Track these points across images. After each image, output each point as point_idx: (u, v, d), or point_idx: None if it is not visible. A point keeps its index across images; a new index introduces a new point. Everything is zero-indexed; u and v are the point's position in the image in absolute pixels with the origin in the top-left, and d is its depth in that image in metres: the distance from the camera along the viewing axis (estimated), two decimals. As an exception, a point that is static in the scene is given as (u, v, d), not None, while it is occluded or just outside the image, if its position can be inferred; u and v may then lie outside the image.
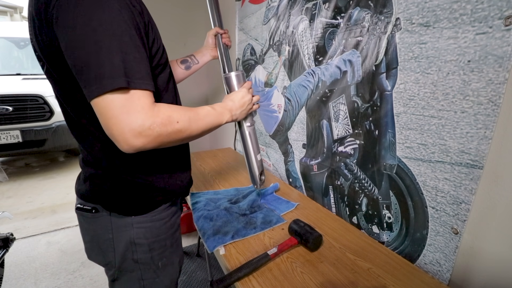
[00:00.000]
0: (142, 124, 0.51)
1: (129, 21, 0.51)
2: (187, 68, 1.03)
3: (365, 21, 0.86)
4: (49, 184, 3.16)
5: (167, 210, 0.76)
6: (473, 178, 0.64)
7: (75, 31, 0.47)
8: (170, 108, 0.58)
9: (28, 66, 3.85)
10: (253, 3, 1.52)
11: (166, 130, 0.55)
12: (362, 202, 0.96)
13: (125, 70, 0.49)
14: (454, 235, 0.70)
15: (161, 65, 0.65)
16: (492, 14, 0.58)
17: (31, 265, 1.82)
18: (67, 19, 0.47)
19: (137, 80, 0.51)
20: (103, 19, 0.48)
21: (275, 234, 0.92)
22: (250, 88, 0.84)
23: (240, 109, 0.79)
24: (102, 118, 0.51)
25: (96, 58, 0.48)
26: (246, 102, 0.81)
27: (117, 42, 0.49)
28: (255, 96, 0.86)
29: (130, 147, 0.52)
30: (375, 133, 0.87)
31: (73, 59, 0.49)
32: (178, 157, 0.77)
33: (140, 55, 0.53)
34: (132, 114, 0.50)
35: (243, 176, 1.43)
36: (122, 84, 0.48)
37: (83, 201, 0.70)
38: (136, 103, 0.50)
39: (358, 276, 0.73)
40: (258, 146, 0.95)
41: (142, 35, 0.55)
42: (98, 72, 0.48)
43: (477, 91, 0.62)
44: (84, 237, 0.76)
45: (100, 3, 0.48)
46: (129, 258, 0.71)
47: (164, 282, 0.77)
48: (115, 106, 0.49)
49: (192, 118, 0.61)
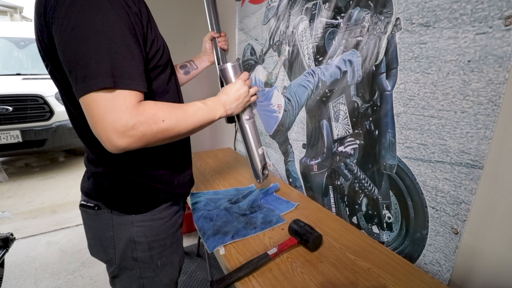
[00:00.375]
0: (125, 123, 0.50)
1: (122, 21, 0.51)
2: (186, 73, 1.02)
3: (365, 21, 0.86)
4: (49, 184, 3.16)
5: (168, 209, 0.76)
6: (473, 178, 0.64)
7: (66, 31, 0.48)
8: (157, 106, 0.56)
9: (28, 66, 3.85)
10: (253, 3, 1.52)
11: (151, 129, 0.53)
12: (362, 202, 0.96)
13: (113, 70, 0.49)
14: (454, 235, 0.70)
15: (160, 66, 0.65)
16: (492, 14, 0.58)
17: (31, 265, 1.82)
18: (60, 20, 0.48)
19: (125, 80, 0.50)
20: (94, 19, 0.48)
21: (275, 234, 0.92)
22: (246, 80, 0.80)
23: (235, 103, 0.76)
24: (88, 117, 0.51)
25: (84, 57, 0.48)
26: (242, 94, 0.77)
27: (106, 42, 0.49)
28: (253, 88, 0.82)
29: (114, 147, 0.51)
30: (375, 133, 0.87)
31: (63, 58, 0.50)
32: (178, 157, 0.77)
33: (132, 55, 0.52)
34: (116, 114, 0.49)
35: (243, 176, 1.43)
36: (107, 84, 0.48)
37: (86, 198, 0.72)
38: (121, 102, 0.50)
39: (358, 276, 0.73)
40: (259, 139, 0.93)
41: (137, 35, 0.54)
42: (84, 72, 0.48)
43: (477, 91, 0.62)
44: (87, 234, 0.77)
45: (92, 4, 0.48)
46: (129, 256, 0.72)
47: (164, 281, 0.77)
48: (99, 106, 0.49)
49: (180, 115, 0.59)
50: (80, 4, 0.47)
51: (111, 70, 0.49)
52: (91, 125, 0.51)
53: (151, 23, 0.61)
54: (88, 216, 0.74)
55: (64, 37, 0.48)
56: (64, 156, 4.18)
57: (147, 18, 0.59)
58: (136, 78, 0.52)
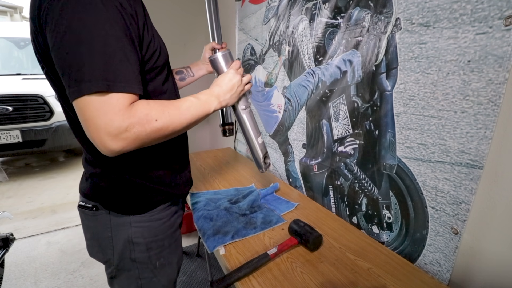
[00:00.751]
0: (118, 126, 0.49)
1: (117, 24, 0.50)
2: (182, 79, 1.01)
3: (365, 21, 0.86)
4: (49, 184, 3.16)
5: (167, 210, 0.76)
6: (473, 178, 0.64)
7: (59, 33, 0.47)
8: (149, 105, 0.55)
9: (28, 66, 3.86)
10: (253, 3, 1.52)
11: (144, 130, 0.53)
12: (362, 202, 0.96)
13: (106, 73, 0.48)
14: (454, 235, 0.70)
15: (157, 67, 0.64)
16: (492, 14, 0.58)
17: (31, 265, 1.82)
18: (53, 22, 0.48)
19: (119, 84, 0.50)
20: (87, 21, 0.47)
21: (275, 234, 0.92)
22: (238, 68, 0.78)
23: (229, 93, 0.74)
24: (81, 120, 0.50)
25: (77, 60, 0.47)
26: (235, 84, 0.75)
27: (100, 44, 0.48)
28: (246, 76, 0.80)
29: (108, 151, 0.51)
30: (375, 133, 0.87)
31: (56, 61, 0.49)
32: (176, 157, 0.77)
33: (127, 58, 0.51)
34: (109, 117, 0.49)
35: (243, 176, 1.43)
36: (100, 87, 0.48)
37: (85, 199, 0.71)
38: (113, 105, 0.49)
39: (358, 276, 0.73)
40: (258, 128, 0.91)
41: (133, 37, 0.54)
42: (77, 75, 0.47)
43: (477, 91, 0.62)
44: (85, 234, 0.77)
45: (85, 6, 0.47)
46: (127, 256, 0.71)
47: (162, 282, 0.77)
48: (92, 109, 0.48)
49: (173, 113, 0.58)
50: (73, 6, 0.47)
51: (104, 73, 0.48)
52: (84, 128, 0.51)
53: (148, 24, 0.60)
54: (86, 217, 0.74)
55: (57, 39, 0.48)
56: (64, 156, 4.18)
57: (144, 20, 0.58)
58: (131, 81, 0.52)
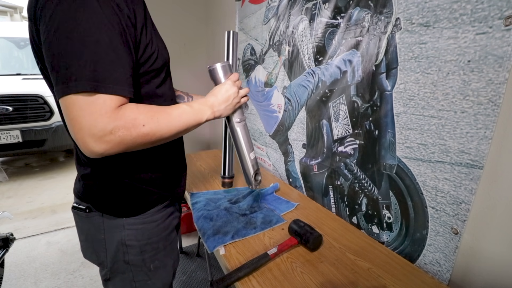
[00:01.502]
0: (103, 128, 0.48)
1: (111, 24, 0.49)
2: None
3: (365, 21, 0.86)
4: (49, 184, 3.16)
5: (161, 212, 0.74)
6: (473, 178, 0.64)
7: (52, 29, 0.47)
8: (138, 110, 0.53)
9: (28, 66, 3.85)
10: (253, 3, 1.53)
11: (130, 134, 0.51)
12: (362, 202, 0.96)
13: (95, 73, 0.47)
14: (454, 235, 0.70)
15: (153, 70, 0.63)
16: (492, 14, 0.58)
17: (31, 265, 1.82)
18: (47, 19, 0.47)
19: (108, 85, 0.48)
20: (81, 19, 0.47)
21: (275, 234, 0.92)
22: (236, 80, 0.77)
23: (224, 104, 0.72)
24: (66, 119, 0.49)
25: (66, 57, 0.47)
26: (231, 96, 0.74)
27: (92, 44, 0.47)
28: (243, 89, 0.79)
29: (90, 152, 0.49)
30: (375, 133, 0.87)
31: (46, 57, 0.49)
32: (170, 159, 0.75)
33: (119, 59, 0.50)
34: (93, 118, 0.47)
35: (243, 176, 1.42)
36: (87, 87, 0.47)
37: (78, 200, 0.71)
38: (99, 106, 0.48)
39: (358, 276, 0.73)
40: (251, 143, 0.88)
41: (127, 39, 0.53)
42: (65, 73, 0.47)
43: (477, 91, 0.62)
44: (79, 236, 0.76)
45: (80, 5, 0.47)
46: (121, 259, 0.70)
47: (157, 285, 0.76)
48: (77, 108, 0.47)
49: (163, 119, 0.57)
50: (68, 4, 0.46)
51: (93, 73, 0.47)
52: (69, 127, 0.49)
53: (147, 26, 0.59)
54: (80, 219, 0.72)
55: (49, 35, 0.47)
56: (64, 156, 4.18)
57: (143, 21, 0.57)
58: (121, 83, 0.51)
